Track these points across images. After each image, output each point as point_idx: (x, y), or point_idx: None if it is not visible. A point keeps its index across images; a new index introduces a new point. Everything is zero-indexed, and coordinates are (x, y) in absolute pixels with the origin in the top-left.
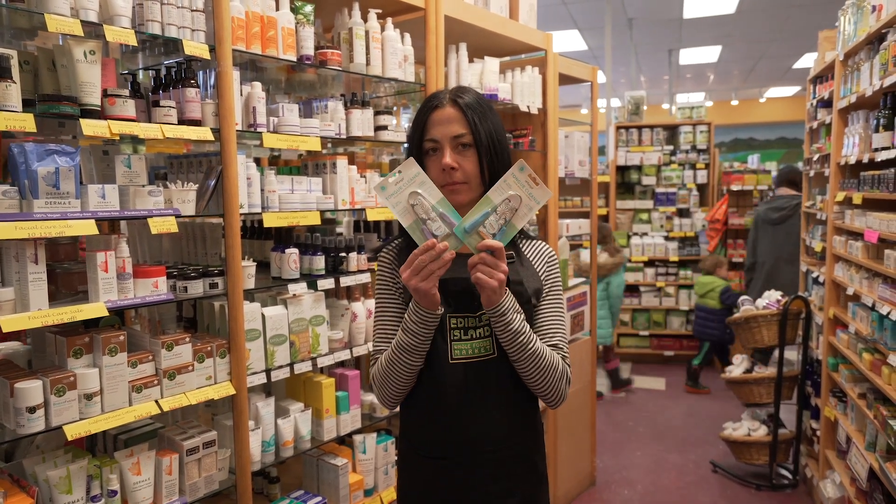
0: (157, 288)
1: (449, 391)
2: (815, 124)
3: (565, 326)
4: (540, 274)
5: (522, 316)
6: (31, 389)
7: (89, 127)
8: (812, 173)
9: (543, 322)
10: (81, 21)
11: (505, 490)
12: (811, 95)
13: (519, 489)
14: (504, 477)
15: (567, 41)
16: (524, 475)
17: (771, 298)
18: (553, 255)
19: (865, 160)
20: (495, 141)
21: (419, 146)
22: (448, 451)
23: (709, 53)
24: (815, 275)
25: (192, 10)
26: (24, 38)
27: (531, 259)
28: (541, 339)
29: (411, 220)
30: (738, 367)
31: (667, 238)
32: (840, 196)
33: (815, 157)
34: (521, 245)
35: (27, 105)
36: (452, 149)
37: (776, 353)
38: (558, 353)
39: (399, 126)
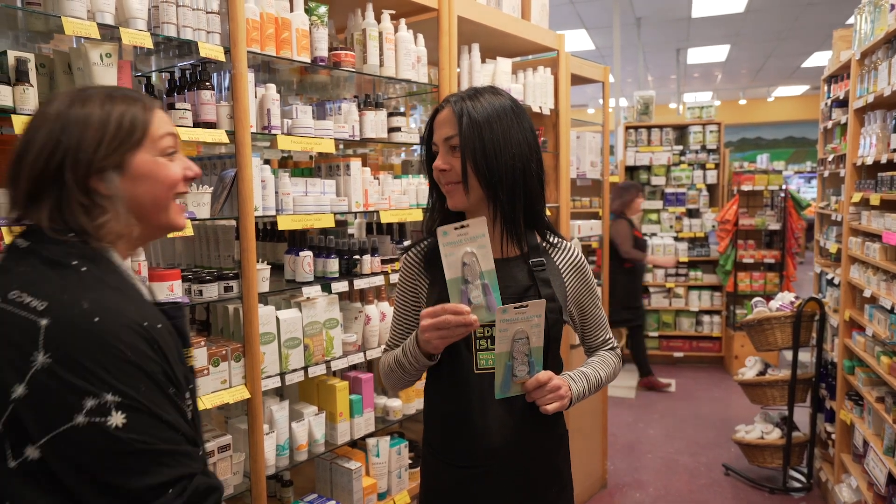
0: (172, 291)
1: (473, 402)
2: (829, 124)
3: (605, 317)
4: (567, 283)
5: (583, 379)
6: None
7: None
8: (826, 174)
9: (590, 322)
10: (98, 24)
11: (529, 498)
12: (825, 95)
13: (543, 496)
14: (528, 485)
15: (575, 41)
16: (548, 482)
17: (784, 300)
18: (581, 259)
19: (884, 161)
20: (487, 142)
21: (429, 150)
22: (472, 459)
23: (717, 52)
24: (829, 276)
25: (208, 13)
26: (39, 41)
27: (560, 267)
28: (590, 339)
29: (456, 276)
30: (750, 369)
31: (676, 238)
32: (856, 197)
33: (830, 158)
34: (550, 251)
35: None
36: (445, 151)
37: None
38: (608, 348)
39: (408, 126)
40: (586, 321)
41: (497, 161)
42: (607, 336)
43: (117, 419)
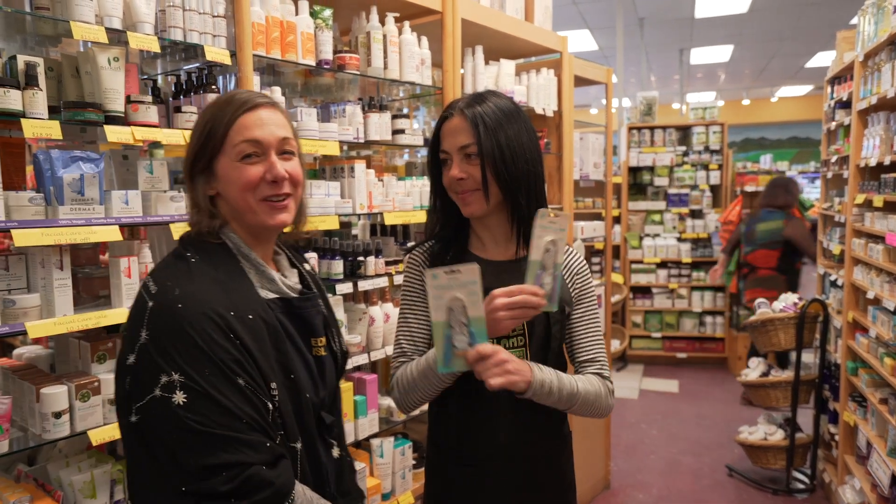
0: None
1: (481, 401)
2: (832, 125)
3: (601, 335)
4: (568, 284)
5: (555, 375)
6: (57, 395)
7: (113, 133)
8: (830, 175)
9: (579, 337)
10: (106, 28)
11: (533, 498)
12: (829, 96)
13: (547, 497)
14: (533, 485)
15: (578, 41)
16: (553, 483)
17: (788, 301)
18: (581, 262)
19: (887, 162)
20: (505, 149)
21: (435, 157)
22: (478, 459)
23: (720, 53)
24: (832, 278)
25: (214, 16)
26: (47, 45)
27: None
28: (577, 355)
29: (441, 319)
30: (754, 370)
31: (679, 239)
32: (860, 198)
33: (833, 159)
34: None
35: (51, 112)
36: (461, 159)
37: (791, 355)
38: (596, 371)
39: (412, 128)
40: (579, 330)
41: (515, 166)
42: (598, 356)
43: (179, 397)
